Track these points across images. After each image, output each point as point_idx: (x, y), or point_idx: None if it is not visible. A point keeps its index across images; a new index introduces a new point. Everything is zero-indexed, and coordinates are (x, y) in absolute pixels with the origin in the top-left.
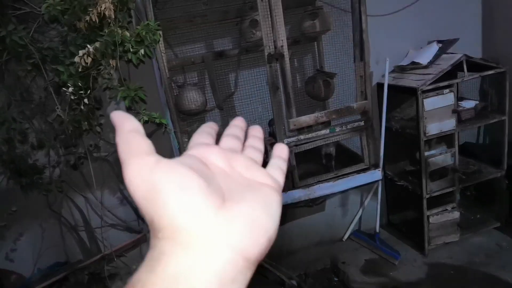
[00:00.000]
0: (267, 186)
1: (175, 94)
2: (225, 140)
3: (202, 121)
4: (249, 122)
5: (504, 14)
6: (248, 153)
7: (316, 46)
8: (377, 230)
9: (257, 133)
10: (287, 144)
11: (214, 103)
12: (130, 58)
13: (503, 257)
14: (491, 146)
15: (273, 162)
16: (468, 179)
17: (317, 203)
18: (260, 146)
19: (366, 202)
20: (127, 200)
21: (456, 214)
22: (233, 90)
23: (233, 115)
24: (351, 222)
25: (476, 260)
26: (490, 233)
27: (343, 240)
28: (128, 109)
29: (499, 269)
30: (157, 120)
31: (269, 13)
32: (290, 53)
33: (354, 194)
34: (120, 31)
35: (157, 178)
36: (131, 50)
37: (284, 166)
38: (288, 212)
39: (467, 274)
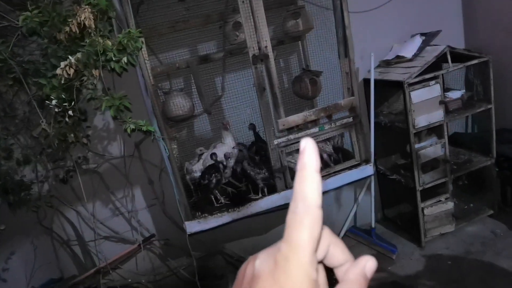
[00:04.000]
0: None
1: (162, 100)
2: None
3: (191, 127)
4: (238, 125)
5: (484, 4)
6: None
7: (300, 45)
8: (373, 225)
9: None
10: (277, 144)
11: (201, 108)
12: (113, 67)
13: (498, 244)
14: (480, 135)
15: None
16: (459, 169)
17: None
18: None
19: (360, 198)
20: (120, 211)
21: (450, 205)
22: (220, 94)
23: (222, 119)
24: (346, 218)
25: (472, 249)
26: (484, 221)
27: (340, 237)
28: (114, 118)
29: (495, 256)
30: (144, 128)
31: (251, 14)
32: (275, 54)
33: (347, 190)
34: (101, 41)
35: None
36: (114, 59)
37: None
38: (283, 213)
39: (464, 263)
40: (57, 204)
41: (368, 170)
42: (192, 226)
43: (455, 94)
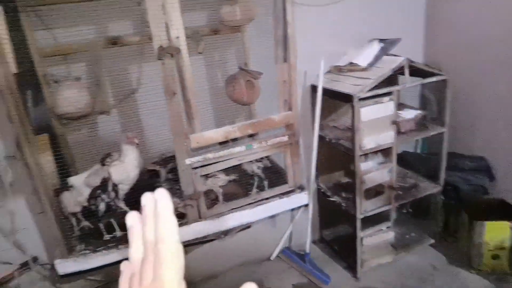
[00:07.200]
0: None
1: (50, 92)
2: None
3: (93, 127)
4: (154, 132)
5: (448, 18)
6: None
7: (241, 38)
8: (307, 250)
9: None
10: (190, 164)
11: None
12: None
13: (436, 280)
14: (429, 158)
15: None
16: (404, 196)
17: (229, 234)
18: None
19: (297, 217)
20: None
21: (391, 234)
22: (135, 88)
23: (134, 120)
24: (281, 238)
25: (408, 283)
26: (424, 251)
27: (271, 259)
28: None
29: None
30: None
31: None
32: (202, 46)
33: None
34: None
35: None
36: None
37: None
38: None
39: None
40: None
41: (302, 199)
42: (66, 266)
43: (408, 113)
